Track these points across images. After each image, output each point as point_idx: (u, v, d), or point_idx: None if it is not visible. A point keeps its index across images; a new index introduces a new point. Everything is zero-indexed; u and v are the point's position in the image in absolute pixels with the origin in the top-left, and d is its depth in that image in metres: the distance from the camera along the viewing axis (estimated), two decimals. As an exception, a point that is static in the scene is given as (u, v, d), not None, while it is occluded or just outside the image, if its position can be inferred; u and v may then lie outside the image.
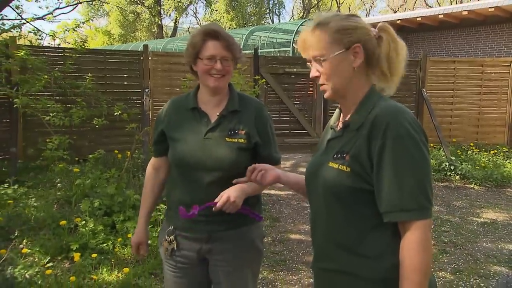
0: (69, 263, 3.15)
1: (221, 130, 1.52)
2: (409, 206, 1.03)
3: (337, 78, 1.15)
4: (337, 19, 1.15)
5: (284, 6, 39.99)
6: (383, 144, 1.05)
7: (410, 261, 1.02)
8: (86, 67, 5.91)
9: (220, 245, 1.53)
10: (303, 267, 3.34)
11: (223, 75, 1.50)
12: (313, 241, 1.28)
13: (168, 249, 1.57)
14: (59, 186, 4.46)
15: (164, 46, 18.25)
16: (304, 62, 1.21)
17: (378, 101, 1.14)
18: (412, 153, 1.04)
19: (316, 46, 1.15)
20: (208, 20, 30.63)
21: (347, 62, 1.14)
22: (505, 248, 3.87)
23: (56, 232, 3.46)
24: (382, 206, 1.06)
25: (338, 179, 1.11)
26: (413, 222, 1.03)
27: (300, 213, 4.72)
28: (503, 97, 7.90)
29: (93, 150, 5.07)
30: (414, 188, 1.03)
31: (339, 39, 1.13)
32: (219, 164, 1.47)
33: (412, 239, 1.03)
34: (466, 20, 12.32)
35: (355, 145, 1.10)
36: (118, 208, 3.72)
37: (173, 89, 6.53)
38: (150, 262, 3.16)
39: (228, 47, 1.48)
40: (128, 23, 29.62)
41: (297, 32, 12.85)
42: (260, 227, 1.65)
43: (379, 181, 1.06)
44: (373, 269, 1.10)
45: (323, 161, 1.19)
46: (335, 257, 1.16)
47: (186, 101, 1.60)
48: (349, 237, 1.13)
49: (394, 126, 1.05)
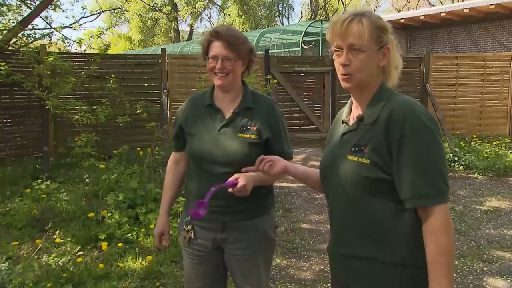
0: (97, 252, 3.20)
1: (234, 126, 1.51)
2: (430, 192, 1.03)
3: (364, 72, 1.13)
4: (376, 16, 1.14)
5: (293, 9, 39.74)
6: (402, 136, 1.04)
7: (436, 245, 1.02)
8: (109, 70, 5.96)
9: (234, 234, 1.53)
10: (314, 254, 3.33)
11: (226, 73, 1.48)
12: (331, 228, 1.27)
13: (186, 237, 1.58)
14: (87, 181, 4.53)
15: (181, 49, 18.31)
16: (313, 61, 1.19)
17: (390, 96, 1.13)
18: (429, 143, 1.04)
19: (357, 35, 1.10)
20: (221, 24, 30.61)
21: (376, 60, 1.14)
22: (508, 234, 3.78)
23: (85, 223, 3.52)
24: (404, 194, 1.05)
25: (358, 171, 1.10)
26: (435, 207, 1.03)
27: (310, 203, 4.70)
28: (504, 90, 7.69)
29: (117, 147, 5.13)
30: (433, 174, 1.03)
31: (377, 37, 1.12)
32: (231, 158, 1.47)
33: (436, 223, 1.03)
34: (467, 17, 12.02)
35: (373, 138, 1.10)
36: (140, 201, 3.76)
37: (189, 89, 6.54)
38: (171, 251, 3.19)
39: (229, 47, 1.46)
40: (147, 29, 29.80)
41: (305, 33, 12.73)
42: (273, 218, 1.64)
43: (400, 170, 1.05)
44: (392, 254, 1.09)
45: (340, 154, 1.18)
46: (354, 244, 1.16)
47: (203, 98, 1.60)
48: (368, 225, 1.12)
49: (411, 119, 1.05)
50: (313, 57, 9.06)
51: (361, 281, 1.15)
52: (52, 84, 5.13)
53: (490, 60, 7.66)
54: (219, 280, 1.64)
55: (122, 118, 5.26)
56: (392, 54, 1.16)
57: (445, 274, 1.00)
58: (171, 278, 2.86)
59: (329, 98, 7.26)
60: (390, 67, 1.17)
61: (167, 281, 2.83)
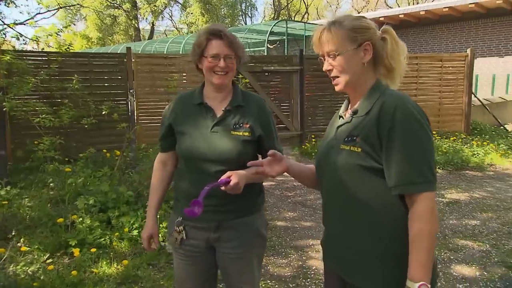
0: (68, 259, 3.08)
1: (227, 124, 1.52)
2: (417, 180, 1.08)
3: (348, 72, 1.20)
4: (350, 19, 1.21)
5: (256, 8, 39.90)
6: (392, 126, 1.10)
7: (419, 230, 1.07)
8: (71, 69, 5.72)
9: (228, 233, 1.54)
10: (291, 251, 3.40)
11: (226, 72, 1.50)
12: (325, 220, 1.32)
13: (177, 239, 1.57)
14: (51, 186, 4.33)
15: (143, 48, 17.86)
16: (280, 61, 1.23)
17: (384, 91, 1.20)
18: (418, 134, 1.10)
19: (331, 42, 1.19)
20: (183, 22, 30.17)
21: (358, 58, 1.20)
22: (469, 224, 4.06)
23: (53, 230, 3.37)
24: (392, 181, 1.11)
25: (349, 159, 1.16)
26: (421, 194, 1.09)
27: (284, 201, 4.78)
28: (459, 88, 8.22)
29: (81, 150, 4.94)
30: (421, 163, 1.09)
31: (352, 37, 1.19)
32: (225, 156, 1.48)
33: (420, 210, 1.08)
34: (424, 19, 12.71)
35: (365, 128, 1.16)
36: (112, 205, 3.66)
37: (156, 89, 6.43)
38: (148, 254, 3.13)
39: (231, 46, 1.48)
40: (105, 27, 28.74)
41: (270, 32, 12.87)
42: (263, 216, 1.66)
43: (389, 158, 1.11)
44: (387, 244, 1.14)
45: (334, 144, 1.24)
46: (349, 235, 1.20)
47: (192, 97, 1.59)
48: (363, 215, 1.17)
49: (402, 110, 1.11)
50: (281, 57, 9.20)
51: (357, 272, 1.19)
52: (8, 85, 4.85)
53: (447, 60, 8.16)
54: (211, 280, 1.65)
55: (87, 119, 5.07)
56: (385, 47, 1.21)
57: (427, 253, 1.06)
58: (149, 282, 2.81)
59: (297, 97, 7.40)
60: (383, 60, 1.22)
61: (145, 284, 2.79)
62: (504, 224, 4.04)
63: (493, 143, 7.53)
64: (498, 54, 12.04)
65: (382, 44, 1.22)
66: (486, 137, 8.06)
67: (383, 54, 1.22)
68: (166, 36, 31.48)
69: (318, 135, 7.49)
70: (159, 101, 6.45)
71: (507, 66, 11.84)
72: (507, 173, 6.21)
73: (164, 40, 19.65)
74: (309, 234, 3.78)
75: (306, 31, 13.83)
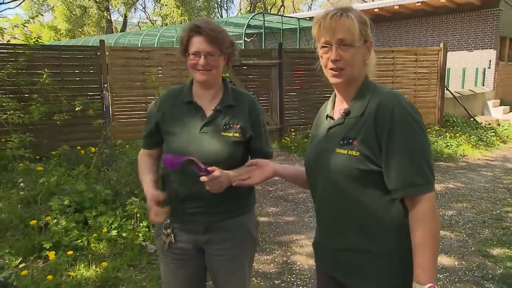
0: (43, 263, 2.94)
1: (217, 124, 1.46)
2: (419, 181, 1.06)
3: (354, 66, 1.15)
4: (359, 12, 1.15)
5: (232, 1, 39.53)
6: (391, 126, 1.07)
7: (423, 232, 1.05)
8: (40, 63, 5.45)
9: (218, 235, 1.48)
10: (276, 247, 3.38)
11: (208, 69, 1.42)
12: (319, 222, 1.28)
13: (166, 242, 1.50)
14: (22, 186, 4.12)
15: (116, 41, 17.33)
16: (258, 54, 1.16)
17: (375, 89, 1.16)
18: (417, 134, 1.08)
19: (349, 30, 1.11)
20: (158, 14, 29.49)
21: (362, 54, 1.17)
22: (446, 214, 4.17)
23: (25, 232, 3.20)
24: (393, 183, 1.08)
25: (348, 164, 1.12)
26: (422, 196, 1.07)
27: (266, 196, 4.75)
28: (433, 82, 8.42)
29: (54, 147, 4.72)
30: (421, 164, 1.07)
31: (363, 31, 1.14)
32: (214, 158, 1.41)
33: (422, 211, 1.06)
34: (397, 13, 12.94)
35: (362, 130, 1.11)
36: (89, 204, 3.51)
37: (133, 83, 6.23)
38: (128, 254, 3.04)
39: (213, 42, 1.40)
40: (75, 18, 27.69)
41: (247, 25, 12.75)
42: (254, 216, 1.61)
43: (389, 161, 1.08)
44: (383, 244, 1.12)
45: (327, 148, 1.19)
46: (345, 236, 1.17)
47: (181, 94, 1.52)
48: (360, 216, 1.14)
49: (399, 109, 1.08)
50: (259, 50, 9.12)
51: (352, 273, 1.17)
52: (-29, 79, 4.56)
53: (421, 54, 8.33)
54: (200, 283, 1.59)
55: (60, 116, 4.84)
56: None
57: (432, 255, 1.05)
58: (131, 284, 2.72)
59: (276, 91, 7.37)
60: (371, 60, 1.20)
61: (126, 287, 2.69)
62: (478, 214, 4.17)
63: (464, 135, 7.79)
64: (467, 48, 12.43)
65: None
66: (458, 128, 8.32)
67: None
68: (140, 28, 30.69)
69: (298, 129, 7.50)
70: (135, 96, 6.26)
71: (476, 59, 12.26)
72: (478, 164, 6.43)
73: (138, 33, 19.13)
74: (292, 229, 3.77)
75: (284, 24, 13.79)
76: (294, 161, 6.45)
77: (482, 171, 5.99)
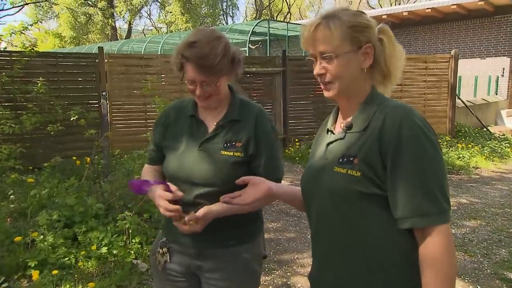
0: (27, 282, 2.82)
1: (217, 142, 1.34)
2: (431, 210, 0.91)
3: (345, 78, 1.03)
4: (349, 14, 1.03)
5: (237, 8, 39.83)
6: (398, 145, 0.94)
7: (435, 273, 0.90)
8: (36, 71, 5.41)
9: (211, 263, 1.35)
10: (275, 266, 3.23)
11: (207, 97, 1.30)
12: (315, 251, 1.14)
13: (161, 261, 1.40)
14: (12, 198, 4.02)
15: (119, 48, 17.43)
16: (262, 61, 1.09)
17: (382, 101, 1.04)
18: (429, 153, 0.94)
19: (327, 41, 1.01)
20: (163, 22, 29.74)
21: (357, 62, 1.04)
22: (458, 233, 3.98)
23: (10, 249, 3.09)
24: (399, 211, 0.94)
25: (347, 185, 0.99)
26: (434, 227, 0.92)
27: (266, 211, 4.60)
28: (443, 90, 8.26)
29: (48, 158, 4.64)
30: (434, 189, 0.92)
31: (352, 37, 1.02)
32: (211, 179, 1.30)
33: (435, 247, 0.91)
34: (406, 20, 12.84)
35: (364, 147, 0.98)
36: (79, 219, 3.40)
37: (131, 91, 6.16)
38: (117, 274, 2.91)
39: (205, 72, 1.24)
40: (80, 25, 28.01)
41: (252, 32, 12.73)
42: (259, 247, 1.43)
43: (394, 184, 0.94)
44: (388, 281, 0.98)
45: (325, 166, 1.06)
46: (343, 268, 1.03)
47: (186, 107, 1.42)
48: (360, 247, 1.00)
49: (408, 125, 0.94)
50: (263, 58, 9.06)
51: None
52: (-35, 87, 4.52)
53: (431, 62, 8.19)
54: None
55: (53, 126, 4.76)
56: (382, 51, 1.06)
57: None
58: (118, 307, 2.59)
59: (280, 99, 7.27)
60: (382, 66, 1.07)
61: (113, 310, 2.56)
62: (494, 232, 3.98)
63: (477, 146, 7.59)
64: (479, 56, 12.26)
65: (379, 46, 1.06)
66: (470, 139, 8.12)
67: (381, 58, 1.06)
68: (145, 35, 30.97)
69: (302, 139, 7.37)
70: (135, 104, 6.19)
71: (488, 67, 12.07)
72: (492, 177, 6.23)
73: (142, 40, 19.25)
74: (294, 247, 3.61)
75: (289, 31, 13.75)
76: (298, 172, 6.31)
77: (496, 184, 5.79)
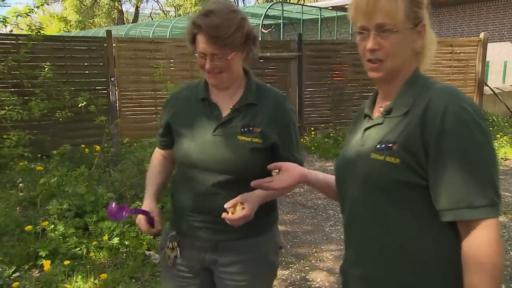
0: (38, 272, 2.86)
1: (234, 126, 1.29)
2: (478, 202, 0.86)
3: (397, 57, 0.97)
4: None
5: (249, -10, 39.32)
6: (442, 130, 0.88)
7: (480, 272, 0.85)
8: (43, 55, 5.44)
9: (228, 256, 1.34)
10: (293, 260, 3.21)
11: (218, 72, 1.26)
12: (347, 243, 1.11)
13: (170, 256, 1.38)
14: (21, 187, 4.08)
15: (127, 32, 17.44)
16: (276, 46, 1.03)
17: (426, 83, 0.98)
18: (478, 140, 0.88)
19: (391, 13, 0.94)
20: (171, 5, 29.62)
21: (409, 41, 0.98)
22: None
23: (21, 238, 3.14)
24: (441, 202, 0.89)
25: (385, 173, 0.94)
26: (481, 221, 0.86)
27: (282, 202, 4.58)
28: (470, 76, 8.06)
29: (57, 145, 4.68)
30: (481, 180, 0.87)
31: (412, 12, 0.95)
32: (227, 166, 1.27)
33: (481, 241, 0.86)
34: (431, 1, 12.51)
35: (405, 132, 0.93)
36: (90, 208, 3.43)
37: (140, 77, 6.16)
38: (130, 265, 2.93)
39: (216, 42, 1.20)
40: (85, 9, 28.11)
41: (265, 16, 12.57)
42: (275, 237, 1.44)
43: (437, 173, 0.89)
44: (424, 280, 0.94)
45: (361, 153, 1.02)
46: (377, 262, 1.00)
47: (196, 90, 1.37)
48: (396, 239, 0.96)
49: (455, 110, 0.89)
50: (277, 42, 8.96)
51: None
52: (-30, 72, 4.56)
53: (457, 46, 7.98)
54: None
55: (62, 112, 4.79)
56: (427, 32, 1.01)
57: None
58: (131, 299, 2.61)
59: (295, 86, 7.19)
60: (425, 48, 1.01)
61: (126, 302, 2.59)
62: (525, 227, 3.89)
63: (506, 136, 7.41)
64: (509, 39, 11.91)
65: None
66: (499, 129, 7.94)
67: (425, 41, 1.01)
68: (152, 19, 30.88)
69: (318, 128, 7.30)
70: (144, 91, 6.20)
71: (519, 52, 11.73)
72: (522, 168, 6.08)
73: (150, 24, 19.22)
74: (311, 240, 3.59)
75: (304, 15, 13.55)
76: (313, 161, 6.26)
77: (527, 176, 5.65)
